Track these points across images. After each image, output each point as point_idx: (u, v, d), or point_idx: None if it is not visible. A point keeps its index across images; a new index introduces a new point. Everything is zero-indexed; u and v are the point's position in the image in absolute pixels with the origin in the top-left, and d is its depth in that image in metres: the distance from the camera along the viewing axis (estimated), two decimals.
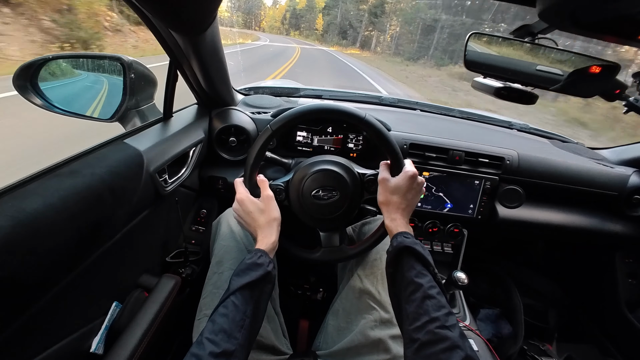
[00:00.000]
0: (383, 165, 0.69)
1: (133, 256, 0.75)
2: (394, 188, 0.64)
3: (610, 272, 1.25)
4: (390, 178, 0.66)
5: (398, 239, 0.58)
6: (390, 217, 0.64)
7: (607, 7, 0.45)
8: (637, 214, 1.11)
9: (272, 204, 0.66)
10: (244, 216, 0.66)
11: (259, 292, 0.55)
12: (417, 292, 0.51)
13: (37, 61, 0.71)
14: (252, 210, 0.65)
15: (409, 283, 0.53)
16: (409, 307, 0.51)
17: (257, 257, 0.58)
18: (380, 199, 0.66)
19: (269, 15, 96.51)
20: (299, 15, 78.58)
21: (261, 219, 0.64)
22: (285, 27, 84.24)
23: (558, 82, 0.76)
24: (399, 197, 0.64)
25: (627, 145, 1.23)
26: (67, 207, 0.47)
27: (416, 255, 0.55)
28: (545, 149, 1.19)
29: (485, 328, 1.14)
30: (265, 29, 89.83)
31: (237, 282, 0.54)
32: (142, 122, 0.79)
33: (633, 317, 1.17)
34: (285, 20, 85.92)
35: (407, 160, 0.68)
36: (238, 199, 0.67)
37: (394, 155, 0.67)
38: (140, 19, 0.59)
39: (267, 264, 0.57)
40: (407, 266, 0.55)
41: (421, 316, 0.48)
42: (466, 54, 0.75)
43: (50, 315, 0.51)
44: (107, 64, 0.79)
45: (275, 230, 0.65)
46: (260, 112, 1.06)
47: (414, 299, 0.51)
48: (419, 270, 0.54)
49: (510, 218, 1.07)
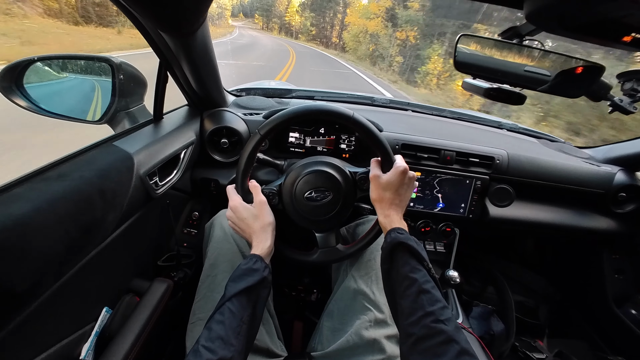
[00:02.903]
0: (374, 162, 0.69)
1: (124, 260, 0.73)
2: (386, 184, 0.64)
3: (598, 268, 1.27)
4: (382, 174, 0.66)
5: (392, 234, 0.59)
6: (384, 214, 0.64)
7: (593, 10, 0.46)
8: (622, 211, 1.14)
9: (265, 209, 0.66)
10: (238, 223, 0.66)
11: (256, 298, 0.55)
12: (412, 287, 0.51)
13: (23, 62, 0.69)
14: (246, 216, 0.65)
15: (404, 278, 0.53)
16: (404, 302, 0.51)
17: (252, 263, 0.57)
18: (373, 196, 0.66)
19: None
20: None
21: (255, 225, 0.64)
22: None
23: (545, 83, 0.77)
24: (391, 193, 0.64)
25: (612, 144, 1.26)
26: (55, 211, 0.46)
27: (410, 250, 0.56)
28: (534, 148, 1.22)
29: (477, 325, 1.16)
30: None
31: (233, 288, 0.53)
32: (131, 124, 0.78)
33: (620, 312, 1.20)
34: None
35: (397, 155, 0.68)
36: (231, 206, 0.66)
37: (383, 151, 0.68)
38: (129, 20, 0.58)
39: (263, 269, 0.57)
40: (402, 262, 0.55)
41: (416, 311, 0.48)
42: (456, 55, 0.76)
43: (38, 321, 0.50)
44: (94, 65, 0.78)
45: (270, 235, 0.64)
46: (252, 113, 1.05)
47: (409, 294, 0.51)
48: (413, 266, 0.54)
49: (501, 216, 1.08)
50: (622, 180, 1.12)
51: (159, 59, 0.73)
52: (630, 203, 1.14)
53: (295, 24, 59.07)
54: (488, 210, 1.08)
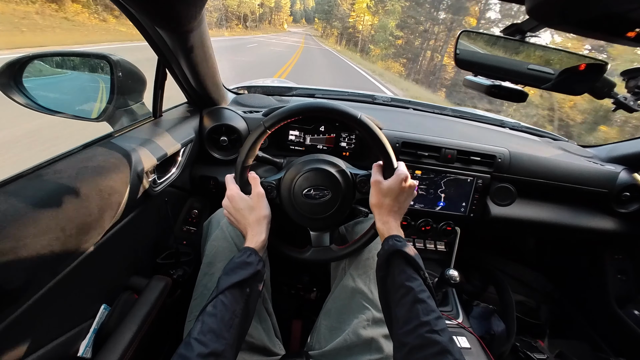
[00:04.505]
0: (376, 167, 0.68)
1: (122, 257, 0.73)
2: (387, 190, 0.64)
3: (600, 268, 1.26)
4: (383, 180, 0.65)
5: (389, 242, 0.58)
6: (383, 220, 0.64)
7: (596, 5, 0.45)
8: (626, 211, 1.13)
9: (262, 202, 0.66)
10: (233, 213, 0.66)
11: (249, 291, 0.55)
12: (408, 296, 0.51)
13: (22, 59, 0.69)
14: (242, 207, 0.65)
15: (400, 287, 0.53)
16: (399, 310, 0.51)
17: (246, 256, 0.57)
18: (373, 201, 0.66)
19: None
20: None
21: (251, 217, 0.64)
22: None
23: (549, 81, 0.76)
24: (391, 199, 0.64)
25: (616, 143, 1.25)
26: (50, 208, 0.46)
27: (407, 259, 0.55)
28: (536, 147, 1.20)
29: (478, 325, 1.15)
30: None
31: (226, 281, 0.53)
32: (130, 122, 0.77)
33: (623, 313, 1.19)
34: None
35: (399, 162, 0.68)
36: (228, 195, 0.66)
37: (386, 156, 0.67)
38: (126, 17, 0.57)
39: (256, 262, 0.57)
40: (398, 270, 0.55)
41: (411, 320, 0.48)
42: (457, 52, 0.75)
43: (35, 318, 0.50)
44: (93, 63, 0.78)
45: (265, 228, 0.64)
46: (252, 111, 1.05)
47: (404, 303, 0.51)
48: (409, 274, 0.54)
49: (502, 216, 1.07)
50: (626, 180, 1.10)
51: (157, 56, 0.73)
52: (634, 203, 1.13)
53: (364, 29, 38.07)
54: (489, 210, 1.07)
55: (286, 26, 65.11)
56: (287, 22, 61.62)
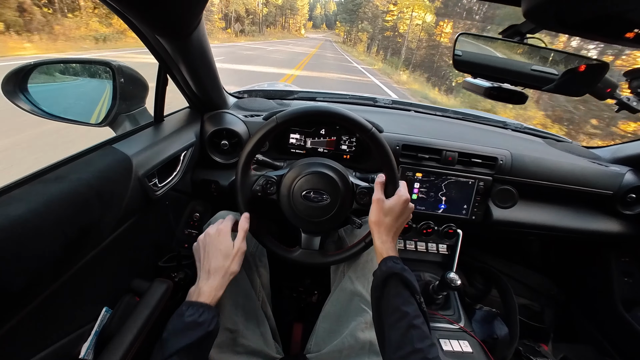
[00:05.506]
0: (378, 185, 0.68)
1: (124, 260, 0.74)
2: (388, 210, 0.64)
3: (606, 271, 1.24)
4: (385, 199, 0.66)
5: (388, 263, 0.58)
6: (382, 239, 0.64)
7: (591, 7, 0.45)
8: (632, 213, 1.11)
9: (239, 259, 0.63)
10: (209, 248, 0.63)
11: (200, 354, 0.53)
12: (403, 320, 0.51)
13: (26, 67, 0.71)
14: (222, 249, 0.62)
15: (395, 310, 0.53)
16: (392, 333, 0.51)
17: (197, 315, 0.54)
18: (373, 219, 0.66)
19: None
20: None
21: (221, 266, 0.61)
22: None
23: (550, 82, 0.76)
24: (391, 219, 0.64)
25: (621, 144, 1.23)
26: (52, 212, 0.47)
27: (405, 282, 0.55)
28: (539, 148, 1.19)
29: (480, 329, 1.14)
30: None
31: (175, 344, 0.50)
32: (132, 127, 0.79)
33: (630, 317, 1.16)
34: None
35: (401, 182, 0.69)
36: (219, 228, 0.64)
37: (391, 174, 0.68)
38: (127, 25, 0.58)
39: (208, 322, 0.54)
40: (394, 292, 0.55)
41: (405, 345, 0.48)
42: (455, 54, 0.75)
43: (37, 321, 0.51)
44: (95, 69, 0.79)
45: (226, 285, 0.61)
46: (252, 115, 1.06)
47: (398, 327, 0.51)
48: (405, 298, 0.54)
49: (504, 218, 1.06)
50: (632, 181, 1.09)
51: (157, 62, 0.74)
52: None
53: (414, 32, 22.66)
54: (491, 212, 1.06)
55: (304, 32, 60.79)
56: (305, 27, 57.19)
